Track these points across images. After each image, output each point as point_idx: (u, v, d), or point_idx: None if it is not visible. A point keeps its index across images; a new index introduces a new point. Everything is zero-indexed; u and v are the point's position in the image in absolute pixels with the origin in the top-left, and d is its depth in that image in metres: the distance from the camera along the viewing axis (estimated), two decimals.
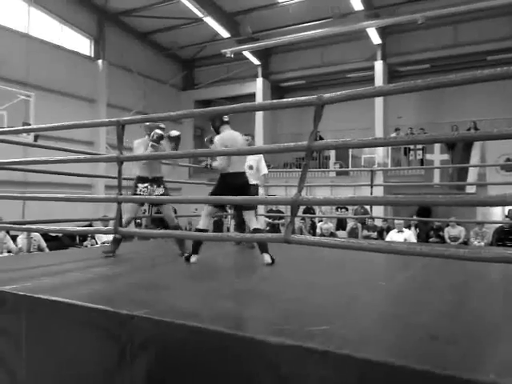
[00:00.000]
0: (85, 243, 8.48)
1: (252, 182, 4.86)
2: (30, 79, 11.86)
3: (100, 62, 13.99)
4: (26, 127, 6.28)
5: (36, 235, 7.11)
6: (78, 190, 11.86)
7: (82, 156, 4.67)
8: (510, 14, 12.23)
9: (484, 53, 13.03)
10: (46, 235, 7.66)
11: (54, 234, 8.46)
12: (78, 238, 9.01)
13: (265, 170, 5.26)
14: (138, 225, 10.89)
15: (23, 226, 4.99)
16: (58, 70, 12.65)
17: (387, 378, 1.45)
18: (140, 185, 4.32)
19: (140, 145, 4.33)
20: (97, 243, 8.40)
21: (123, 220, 3.92)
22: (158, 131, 4.20)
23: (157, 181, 4.38)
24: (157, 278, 3.12)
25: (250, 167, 5.04)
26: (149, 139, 4.23)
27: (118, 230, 3.07)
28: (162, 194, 4.34)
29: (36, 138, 8.96)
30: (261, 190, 5.22)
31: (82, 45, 13.91)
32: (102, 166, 12.49)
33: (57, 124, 3.77)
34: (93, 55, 14.11)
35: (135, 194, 4.28)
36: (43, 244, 7.24)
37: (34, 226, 4.66)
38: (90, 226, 8.67)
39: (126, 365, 1.94)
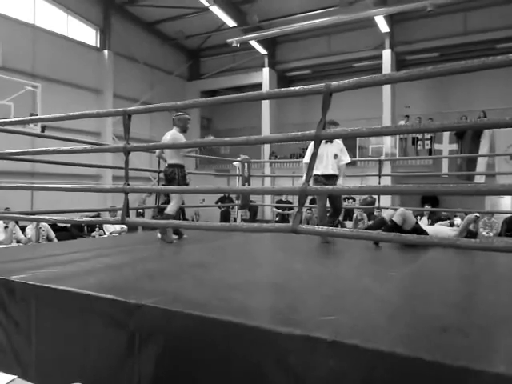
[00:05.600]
0: (93, 233, 8.52)
1: (331, 172, 4.80)
2: (36, 70, 11.88)
3: (106, 52, 13.97)
4: (33, 117, 6.28)
5: (45, 225, 7.16)
6: (86, 180, 11.93)
7: (89, 146, 4.67)
8: None
9: (493, 41, 12.83)
10: (54, 226, 7.70)
11: (62, 225, 8.51)
12: (86, 229, 9.06)
13: (346, 159, 4.93)
14: (140, 215, 10.91)
15: (32, 217, 5.02)
16: (64, 60, 12.65)
17: (397, 368, 1.44)
18: (185, 172, 4.80)
19: (175, 136, 4.64)
20: (105, 233, 8.44)
21: (173, 208, 4.63)
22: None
23: None
24: (164, 267, 3.13)
25: (335, 156, 4.85)
26: (179, 130, 4.67)
27: (126, 220, 3.07)
28: None
29: (43, 128, 8.98)
30: (339, 181, 4.85)
31: (88, 35, 13.89)
32: (109, 157, 12.53)
33: (64, 114, 3.77)
34: (99, 45, 14.09)
35: (184, 182, 4.71)
36: (52, 234, 7.29)
37: (42, 217, 4.68)
38: (98, 216, 8.71)
39: (134, 354, 1.95)
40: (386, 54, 13.77)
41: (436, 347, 1.50)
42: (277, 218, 11.53)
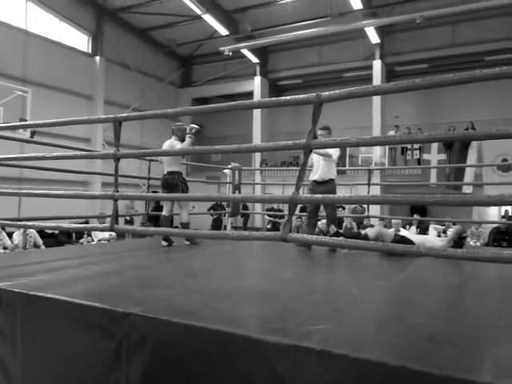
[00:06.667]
0: (81, 240, 8.44)
1: (319, 178, 4.80)
2: (27, 75, 11.81)
3: (98, 58, 13.94)
4: (22, 123, 6.24)
5: (32, 232, 7.07)
6: (75, 186, 11.84)
7: (78, 153, 4.65)
8: (508, 14, 12.26)
9: (482, 53, 13.06)
10: (41, 232, 7.62)
11: (50, 231, 8.42)
12: (74, 236, 8.98)
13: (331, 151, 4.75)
14: (128, 222, 10.85)
15: (19, 223, 4.97)
16: (55, 66, 12.60)
17: (384, 377, 1.45)
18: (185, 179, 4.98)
19: (173, 144, 4.82)
20: (93, 240, 8.37)
21: (186, 215, 5.00)
22: (194, 125, 4.75)
23: None
24: (154, 275, 3.11)
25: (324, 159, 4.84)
26: (182, 134, 4.80)
27: (115, 227, 3.06)
28: None
29: (33, 134, 8.92)
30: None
31: (80, 41, 13.87)
32: (98, 164, 12.46)
33: (54, 120, 3.75)
34: (91, 51, 14.07)
35: (187, 189, 4.91)
36: (39, 241, 7.21)
37: (29, 223, 4.63)
38: (87, 223, 8.64)
39: (122, 362, 1.93)
40: (376, 65, 13.95)
41: (423, 356, 1.51)
42: (268, 226, 11.53)
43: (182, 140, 4.82)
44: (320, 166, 4.84)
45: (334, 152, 4.80)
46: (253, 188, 14.53)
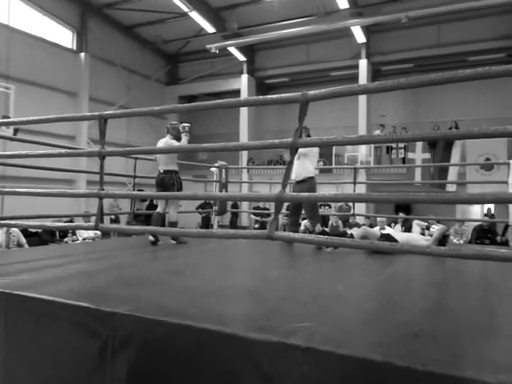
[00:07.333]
0: (65, 239, 8.34)
1: (296, 177, 4.77)
2: (10, 71, 11.61)
3: (82, 55, 13.77)
4: (5, 120, 6.14)
5: (15, 231, 6.96)
6: (59, 185, 11.69)
7: (63, 150, 4.59)
8: (491, 15, 12.46)
9: (466, 53, 13.25)
10: (25, 231, 7.50)
11: (33, 230, 8.30)
12: (58, 234, 8.86)
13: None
14: (114, 221, 10.75)
15: (2, 222, 4.89)
16: (39, 62, 12.41)
17: (369, 374, 1.46)
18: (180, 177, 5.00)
19: (169, 143, 4.84)
20: (78, 239, 8.27)
21: (175, 214, 5.00)
22: (186, 124, 4.85)
23: None
24: (140, 274, 3.09)
25: (298, 157, 4.75)
26: (177, 133, 4.84)
27: (100, 226, 3.03)
28: None
29: (16, 131, 8.77)
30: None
31: (65, 37, 13.68)
32: (83, 162, 12.32)
33: (37, 117, 3.70)
34: (75, 48, 13.88)
35: (181, 188, 4.91)
36: (23, 240, 7.10)
37: (13, 222, 4.56)
38: (72, 222, 8.54)
39: (107, 361, 1.92)
40: (362, 64, 14.05)
41: (408, 353, 1.53)
42: (256, 226, 11.55)
43: (177, 138, 4.86)
44: (295, 165, 4.81)
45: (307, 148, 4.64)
46: (240, 186, 14.53)
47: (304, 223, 9.90)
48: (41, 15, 12.87)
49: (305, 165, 4.80)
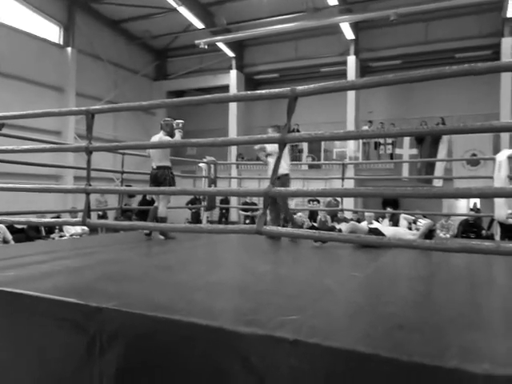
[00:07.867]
0: (52, 235, 8.25)
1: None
2: None
3: (69, 49, 13.58)
4: None
5: (1, 227, 6.88)
6: (46, 180, 11.53)
7: (49, 146, 4.54)
8: (477, 13, 12.58)
9: (452, 50, 13.36)
10: (11, 227, 7.41)
11: (19, 226, 8.20)
12: (44, 230, 8.75)
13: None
14: (101, 217, 10.66)
15: None
16: (25, 57, 12.21)
17: (356, 365, 1.48)
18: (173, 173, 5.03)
19: (162, 139, 4.86)
20: (65, 235, 8.20)
21: (164, 210, 4.98)
22: (180, 120, 4.89)
23: None
24: (127, 270, 3.08)
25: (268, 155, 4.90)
26: (171, 129, 4.88)
27: (87, 221, 3.01)
28: None
29: (1, 126, 8.63)
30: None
31: (51, 32, 13.45)
32: (70, 157, 12.19)
33: (23, 112, 3.65)
34: (62, 43, 13.67)
35: (174, 183, 4.93)
36: (9, 236, 7.01)
37: None
38: (58, 217, 8.44)
39: (95, 356, 1.91)
40: (351, 61, 14.08)
41: (393, 345, 1.55)
42: (247, 222, 11.56)
43: (170, 135, 4.89)
44: (270, 163, 4.85)
45: (270, 145, 4.64)
46: (229, 182, 14.50)
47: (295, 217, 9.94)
48: (27, 9, 12.64)
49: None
